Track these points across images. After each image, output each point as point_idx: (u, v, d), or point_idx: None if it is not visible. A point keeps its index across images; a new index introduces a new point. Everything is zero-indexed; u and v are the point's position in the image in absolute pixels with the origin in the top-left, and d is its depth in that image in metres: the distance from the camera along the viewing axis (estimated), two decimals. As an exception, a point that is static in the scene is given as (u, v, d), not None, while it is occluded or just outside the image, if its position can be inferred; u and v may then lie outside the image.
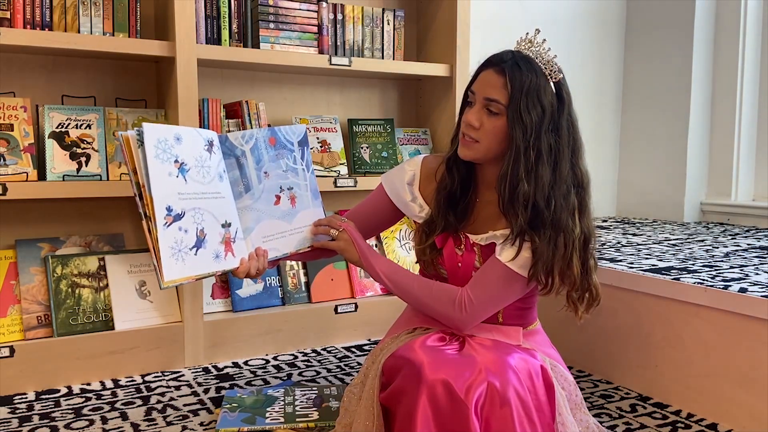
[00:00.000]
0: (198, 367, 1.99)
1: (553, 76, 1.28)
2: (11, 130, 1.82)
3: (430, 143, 2.55)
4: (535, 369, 1.25)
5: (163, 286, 1.17)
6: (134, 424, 1.57)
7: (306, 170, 1.47)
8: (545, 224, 1.26)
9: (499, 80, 1.27)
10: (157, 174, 1.19)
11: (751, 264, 1.98)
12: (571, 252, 1.27)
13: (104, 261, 1.95)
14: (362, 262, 1.37)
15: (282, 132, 1.45)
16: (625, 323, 1.83)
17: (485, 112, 1.29)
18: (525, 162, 1.25)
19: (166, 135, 1.23)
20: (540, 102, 1.25)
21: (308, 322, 2.17)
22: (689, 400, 1.67)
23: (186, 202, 1.23)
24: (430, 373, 1.15)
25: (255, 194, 1.37)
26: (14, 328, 1.81)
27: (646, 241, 2.49)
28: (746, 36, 3.09)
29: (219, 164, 1.33)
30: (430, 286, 1.34)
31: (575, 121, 1.32)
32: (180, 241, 1.21)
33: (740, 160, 3.15)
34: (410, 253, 2.41)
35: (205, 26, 2.04)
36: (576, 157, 1.31)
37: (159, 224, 1.17)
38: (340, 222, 1.40)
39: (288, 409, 1.60)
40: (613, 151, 3.50)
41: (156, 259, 1.18)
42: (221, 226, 1.29)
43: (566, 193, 1.28)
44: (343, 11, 2.29)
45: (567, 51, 3.25)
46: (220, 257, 1.28)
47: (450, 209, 1.38)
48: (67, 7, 1.86)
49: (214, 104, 2.07)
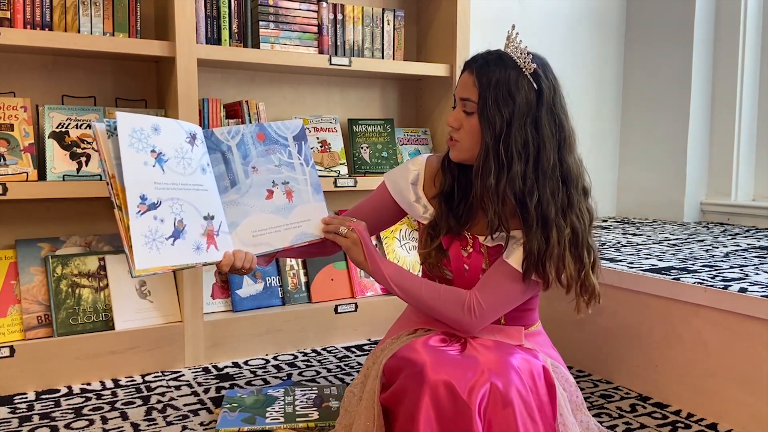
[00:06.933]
0: (198, 367, 1.99)
1: (527, 68, 1.26)
2: (11, 130, 1.82)
3: (430, 143, 2.55)
4: (537, 369, 1.24)
5: (135, 274, 1.16)
6: (134, 424, 1.57)
7: (305, 165, 1.46)
8: (533, 219, 1.25)
9: (470, 79, 1.29)
10: (131, 163, 1.19)
11: (751, 264, 1.98)
12: (563, 247, 1.26)
13: (104, 261, 1.95)
14: (368, 263, 1.35)
15: (273, 127, 1.45)
16: (625, 323, 1.83)
17: (463, 113, 1.30)
18: (495, 157, 1.25)
19: (142, 125, 1.23)
20: (512, 96, 1.24)
21: (308, 322, 2.17)
22: (689, 400, 1.67)
23: (163, 192, 1.23)
24: (433, 373, 1.15)
25: (242, 189, 1.38)
26: (14, 328, 1.81)
27: (646, 241, 2.49)
28: (746, 36, 3.09)
29: (202, 157, 1.33)
30: (437, 290, 1.33)
31: (560, 113, 1.28)
32: (155, 230, 1.20)
33: (740, 160, 3.15)
34: (410, 253, 2.41)
35: (205, 26, 2.04)
36: (563, 150, 1.28)
37: (131, 212, 1.17)
38: (350, 222, 1.40)
39: (288, 409, 1.60)
40: (613, 151, 3.50)
41: (127, 247, 1.17)
42: (203, 218, 1.29)
43: (555, 187, 1.26)
44: (343, 11, 2.29)
45: (567, 51, 3.26)
46: (201, 249, 1.27)
47: (450, 212, 1.37)
48: (67, 7, 1.86)
49: (214, 104, 2.07)
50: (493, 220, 1.27)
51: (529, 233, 1.26)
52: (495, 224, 1.27)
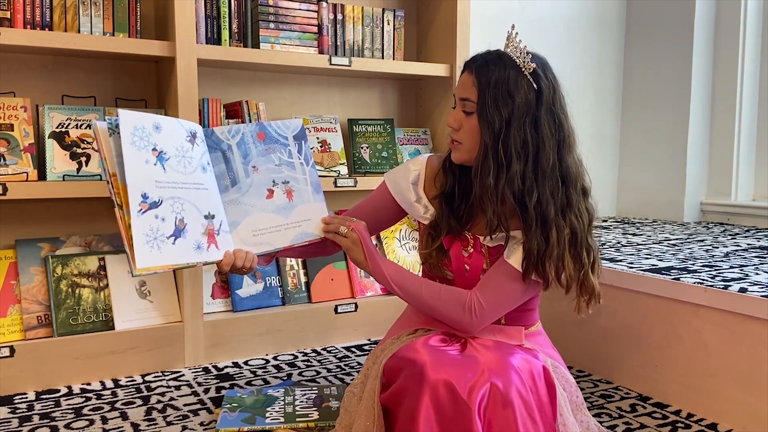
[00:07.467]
0: (198, 367, 1.99)
1: (526, 67, 1.26)
2: (11, 130, 1.82)
3: (430, 143, 2.55)
4: (537, 369, 1.24)
5: (135, 273, 1.16)
6: (134, 424, 1.57)
7: (305, 164, 1.46)
8: (532, 219, 1.25)
9: (469, 79, 1.28)
10: (133, 161, 1.19)
11: (751, 264, 1.98)
12: (562, 247, 1.26)
13: (104, 261, 1.95)
14: (368, 263, 1.35)
15: (273, 127, 1.45)
16: (625, 323, 1.83)
17: (463, 114, 1.30)
18: (494, 157, 1.25)
19: (143, 123, 1.22)
20: (511, 96, 1.24)
21: (308, 322, 2.17)
22: (689, 400, 1.67)
23: (164, 190, 1.22)
24: (433, 373, 1.15)
25: (242, 188, 1.38)
26: (14, 328, 1.81)
27: (646, 241, 2.49)
28: (746, 36, 3.09)
29: (203, 156, 1.33)
30: (438, 290, 1.33)
31: (560, 113, 1.28)
32: (156, 228, 1.20)
33: (740, 160, 3.15)
34: (410, 253, 2.41)
35: (205, 26, 2.04)
36: (563, 150, 1.28)
37: (133, 211, 1.17)
38: (350, 222, 1.40)
39: (288, 409, 1.60)
40: (613, 151, 3.50)
41: (128, 246, 1.17)
42: (204, 217, 1.29)
43: (554, 187, 1.26)
44: (343, 11, 2.29)
45: (567, 51, 3.26)
46: (201, 248, 1.27)
47: (451, 212, 1.37)
48: (67, 7, 1.86)
49: (214, 104, 2.07)
50: (492, 220, 1.27)
51: (528, 233, 1.26)
52: (494, 224, 1.27)
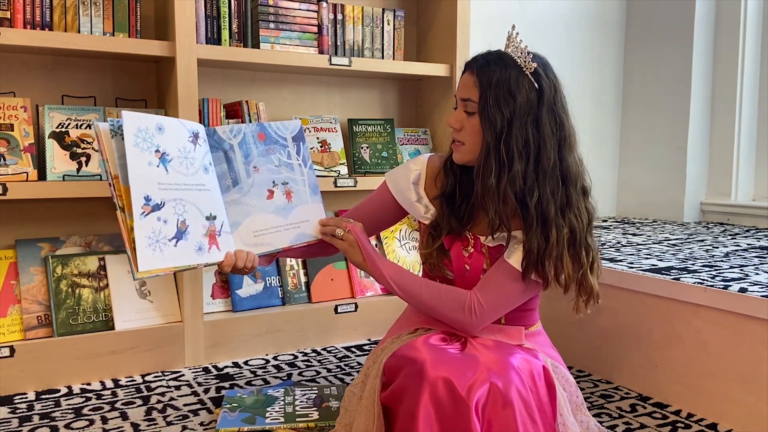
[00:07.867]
0: (198, 367, 1.99)
1: (527, 67, 1.26)
2: (11, 130, 1.82)
3: (430, 143, 2.55)
4: (537, 369, 1.24)
5: (137, 276, 1.15)
6: (134, 424, 1.57)
7: (303, 165, 1.46)
8: (533, 218, 1.25)
9: (470, 80, 1.28)
10: (136, 163, 1.18)
11: (751, 264, 1.98)
12: (561, 247, 1.26)
13: (104, 261, 1.95)
14: (367, 264, 1.35)
15: (273, 127, 1.45)
16: (625, 323, 1.83)
17: (465, 114, 1.30)
18: (496, 157, 1.25)
19: (147, 124, 1.22)
20: (512, 95, 1.24)
21: (308, 322, 2.17)
22: (689, 400, 1.67)
23: (166, 192, 1.22)
24: (432, 370, 1.15)
25: (243, 188, 1.37)
26: (14, 328, 1.81)
27: (646, 241, 2.49)
28: (746, 36, 3.09)
29: (205, 156, 1.32)
30: (438, 290, 1.33)
31: (561, 113, 1.28)
32: (158, 231, 1.19)
33: (740, 160, 3.15)
34: (410, 253, 2.41)
35: (205, 26, 2.04)
36: (563, 149, 1.28)
37: (135, 213, 1.16)
38: (347, 223, 1.40)
39: (288, 409, 1.60)
40: (613, 151, 3.50)
41: (130, 249, 1.16)
42: (205, 218, 1.29)
43: (554, 186, 1.26)
44: (343, 11, 2.29)
45: (567, 51, 3.26)
46: (203, 250, 1.27)
47: (452, 212, 1.37)
48: (67, 7, 1.86)
49: (214, 104, 2.07)
50: (494, 220, 1.27)
51: (529, 232, 1.26)
52: (496, 224, 1.28)
